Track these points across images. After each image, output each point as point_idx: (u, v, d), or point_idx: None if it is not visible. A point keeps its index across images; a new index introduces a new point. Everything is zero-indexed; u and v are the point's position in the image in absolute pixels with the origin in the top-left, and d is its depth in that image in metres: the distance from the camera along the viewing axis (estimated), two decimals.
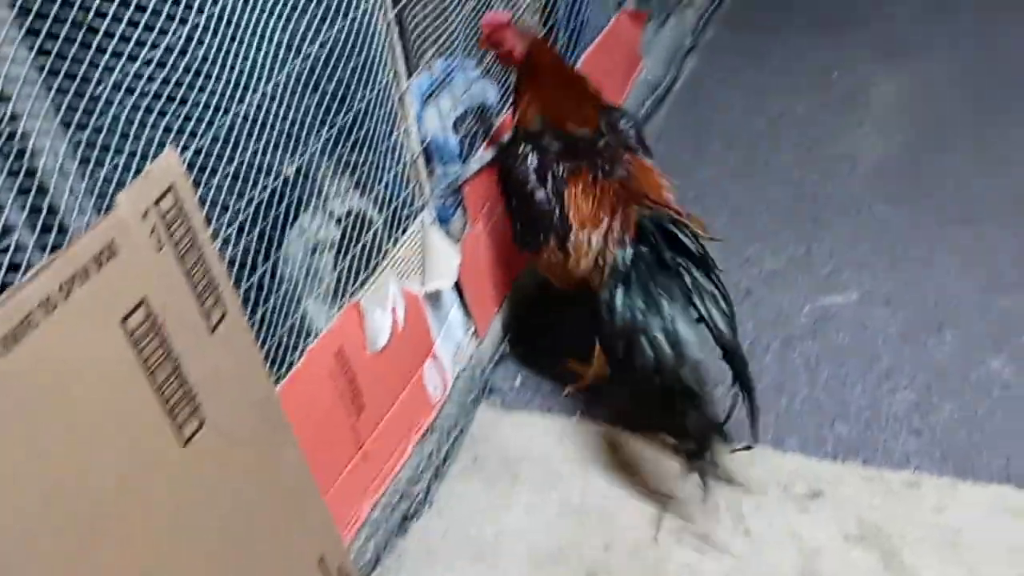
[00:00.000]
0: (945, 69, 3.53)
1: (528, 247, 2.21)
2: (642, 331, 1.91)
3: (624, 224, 2.02)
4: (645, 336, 1.91)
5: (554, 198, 2.10)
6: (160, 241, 1.37)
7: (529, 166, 2.13)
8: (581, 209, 2.08)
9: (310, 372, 1.79)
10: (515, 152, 2.16)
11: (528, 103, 2.17)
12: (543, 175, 2.12)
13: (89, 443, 1.27)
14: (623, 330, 1.93)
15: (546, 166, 2.12)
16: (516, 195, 2.17)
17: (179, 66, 1.39)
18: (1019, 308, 2.45)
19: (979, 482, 2.04)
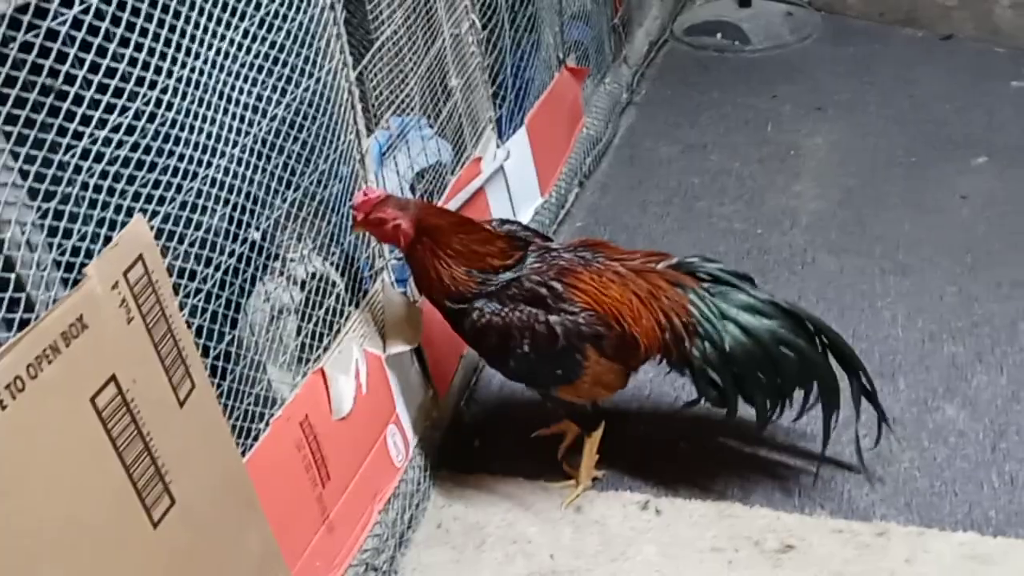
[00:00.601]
0: (872, 122, 3.66)
1: (566, 380, 2.04)
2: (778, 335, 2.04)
3: (652, 282, 2.04)
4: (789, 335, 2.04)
5: (568, 312, 1.97)
6: (129, 313, 1.31)
7: (525, 306, 1.96)
8: (611, 293, 2.00)
9: (276, 443, 1.73)
10: (489, 312, 1.96)
11: (450, 267, 1.95)
12: (543, 301, 1.96)
13: (59, 528, 1.19)
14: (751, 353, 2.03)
15: (539, 292, 1.97)
16: (530, 341, 1.96)
17: (147, 131, 1.34)
18: (966, 354, 2.51)
19: (945, 530, 2.06)
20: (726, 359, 2.02)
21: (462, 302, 1.97)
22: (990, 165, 3.28)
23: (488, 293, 1.96)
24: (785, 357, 2.03)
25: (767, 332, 2.02)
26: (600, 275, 2.02)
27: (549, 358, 1.99)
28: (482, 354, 2.14)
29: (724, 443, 2.35)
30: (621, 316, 2.00)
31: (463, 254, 1.96)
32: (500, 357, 2.04)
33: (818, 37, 4.37)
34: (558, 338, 1.96)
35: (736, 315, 2.03)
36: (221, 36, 1.48)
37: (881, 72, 3.99)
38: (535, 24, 3.03)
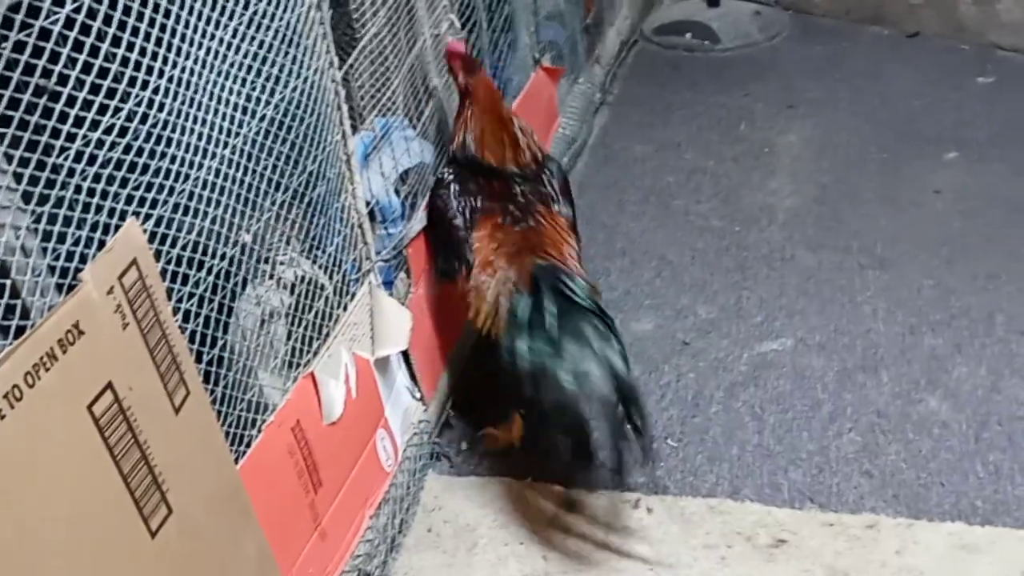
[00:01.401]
0: (843, 119, 3.69)
1: (447, 276, 2.26)
2: (549, 372, 1.92)
3: (519, 273, 2.10)
4: (552, 376, 1.92)
5: (467, 231, 2.21)
6: (124, 319, 1.28)
7: (451, 192, 2.26)
8: (482, 252, 2.17)
9: (269, 450, 1.70)
10: (443, 177, 2.30)
11: (461, 127, 2.30)
12: (462, 205, 2.24)
13: (59, 540, 1.16)
14: (530, 374, 1.95)
15: (465, 197, 2.25)
16: (439, 220, 2.26)
17: (139, 132, 1.31)
18: (946, 346, 2.53)
19: (933, 521, 2.07)
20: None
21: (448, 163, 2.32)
22: (961, 160, 3.32)
23: (459, 171, 2.28)
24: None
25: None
26: (508, 236, 2.19)
27: (447, 248, 2.24)
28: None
29: (712, 440, 2.35)
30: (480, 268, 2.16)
31: (475, 129, 2.30)
32: (430, 226, 2.30)
33: (787, 35, 4.40)
34: (449, 235, 2.23)
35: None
36: (211, 35, 1.45)
37: (850, 70, 4.03)
38: (511, 24, 3.02)
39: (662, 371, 2.58)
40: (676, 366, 2.59)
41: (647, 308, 2.83)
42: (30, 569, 1.12)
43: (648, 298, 2.87)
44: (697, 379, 2.54)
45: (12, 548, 1.09)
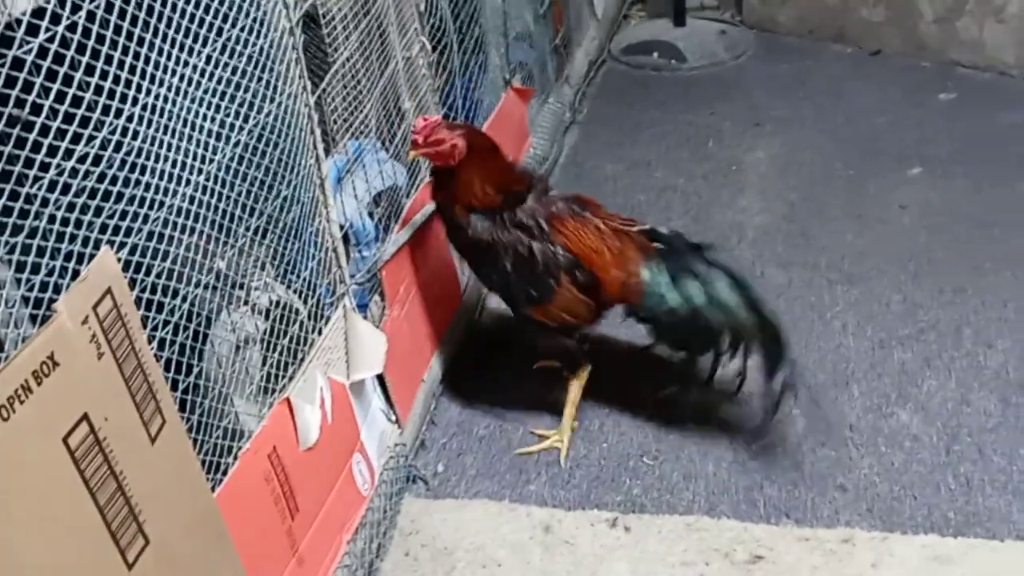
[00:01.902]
0: (809, 136, 3.74)
1: (538, 301, 2.30)
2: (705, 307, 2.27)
3: (639, 244, 2.32)
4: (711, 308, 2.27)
5: (550, 245, 2.27)
6: (99, 349, 1.27)
7: (516, 230, 2.25)
8: (587, 241, 2.29)
9: (245, 477, 1.69)
10: (492, 227, 2.24)
11: (482, 183, 2.23)
12: (531, 231, 2.25)
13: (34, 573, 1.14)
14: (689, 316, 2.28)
15: (528, 224, 2.25)
16: (512, 260, 2.25)
17: (114, 160, 1.30)
18: (915, 360, 2.57)
19: (907, 534, 2.10)
20: (667, 321, 2.32)
21: (473, 213, 2.25)
22: (925, 175, 3.37)
23: (505, 212, 2.24)
24: (717, 320, 2.28)
25: (703, 298, 2.27)
26: (583, 225, 2.29)
27: (527, 279, 2.27)
28: (473, 264, 2.43)
29: (688, 457, 2.37)
30: (592, 262, 2.28)
31: (501, 173, 2.27)
32: (485, 270, 2.35)
33: (752, 54, 4.46)
34: (538, 261, 2.25)
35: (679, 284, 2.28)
36: (184, 62, 1.45)
37: (814, 88, 4.09)
38: (482, 46, 3.04)
39: (638, 388, 2.58)
40: (652, 383, 2.60)
41: (622, 327, 2.83)
42: None
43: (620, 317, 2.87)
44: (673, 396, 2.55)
45: None
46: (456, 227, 2.30)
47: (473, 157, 2.20)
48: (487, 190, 2.23)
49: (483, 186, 2.22)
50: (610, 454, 2.41)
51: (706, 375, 2.37)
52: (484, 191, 2.22)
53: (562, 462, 2.38)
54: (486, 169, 2.23)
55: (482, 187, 2.22)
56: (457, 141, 2.17)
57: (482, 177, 2.22)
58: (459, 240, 2.34)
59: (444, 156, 2.18)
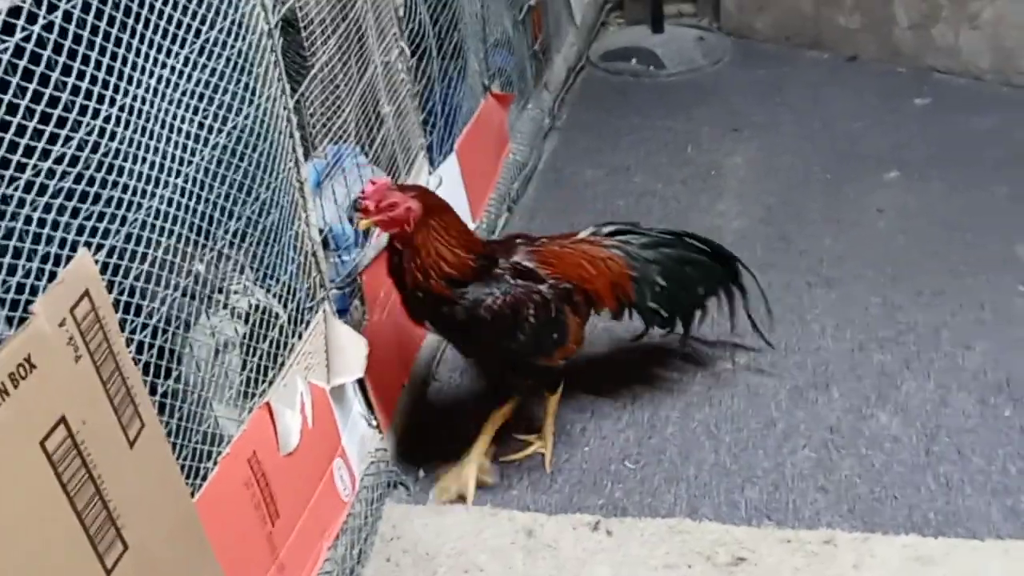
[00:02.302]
0: (786, 141, 3.77)
1: (561, 343, 2.27)
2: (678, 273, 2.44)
3: (603, 246, 2.38)
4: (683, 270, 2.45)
5: (547, 285, 2.21)
6: (77, 351, 1.26)
7: (519, 279, 2.16)
8: (572, 264, 2.28)
9: (225, 482, 1.67)
10: (493, 290, 2.12)
11: (454, 247, 2.07)
12: (531, 276, 2.19)
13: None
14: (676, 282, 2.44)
15: (522, 270, 2.18)
16: (534, 312, 2.16)
17: (91, 161, 1.29)
18: (895, 362, 2.58)
19: (888, 534, 2.10)
20: (659, 290, 2.40)
21: (459, 287, 2.08)
22: (901, 179, 3.40)
23: (481, 278, 2.11)
24: (693, 272, 2.45)
25: (675, 258, 2.42)
26: (556, 252, 2.28)
27: (548, 325, 2.20)
28: (486, 338, 2.16)
29: (669, 460, 2.37)
30: (585, 281, 2.28)
31: (464, 234, 2.12)
32: (507, 336, 2.15)
33: (729, 60, 4.49)
34: (551, 304, 2.19)
35: (651, 255, 2.40)
36: (162, 63, 1.44)
37: (791, 93, 4.12)
38: (461, 51, 3.04)
39: (618, 393, 2.59)
40: (632, 388, 2.61)
41: (601, 331, 2.83)
42: None
43: (601, 321, 2.87)
44: (652, 400, 2.56)
45: None
46: (440, 304, 2.09)
47: (430, 220, 2.02)
48: (458, 253, 2.06)
49: (452, 250, 2.05)
50: (592, 458, 2.41)
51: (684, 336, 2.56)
52: (455, 255, 2.05)
53: (547, 467, 2.37)
54: (448, 231, 2.05)
55: (451, 251, 2.05)
56: (411, 204, 1.99)
57: (447, 241, 2.05)
58: (447, 319, 2.12)
59: (399, 222, 1.99)
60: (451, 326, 2.16)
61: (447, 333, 2.29)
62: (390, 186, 2.03)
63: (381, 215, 1.99)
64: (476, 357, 2.46)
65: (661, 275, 2.39)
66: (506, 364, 2.33)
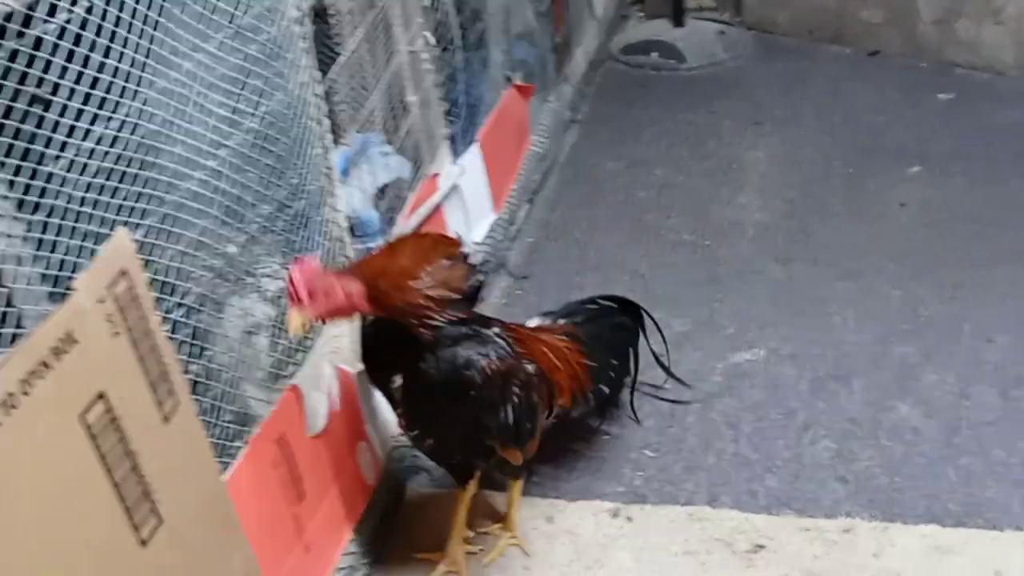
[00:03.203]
0: (808, 135, 3.76)
1: (531, 435, 2.03)
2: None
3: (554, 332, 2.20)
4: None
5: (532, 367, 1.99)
6: (115, 328, 1.29)
7: (509, 355, 1.87)
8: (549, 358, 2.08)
9: (254, 462, 1.70)
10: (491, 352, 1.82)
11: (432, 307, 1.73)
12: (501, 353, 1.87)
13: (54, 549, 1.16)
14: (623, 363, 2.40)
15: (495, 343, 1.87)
16: (519, 388, 1.91)
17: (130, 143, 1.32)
18: (916, 354, 2.59)
19: (908, 524, 2.11)
20: (610, 371, 2.31)
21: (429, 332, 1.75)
22: (924, 174, 3.40)
23: (457, 336, 1.78)
24: (626, 337, 2.41)
25: (611, 326, 2.35)
26: (523, 335, 2.04)
27: (528, 410, 1.96)
28: (465, 409, 1.85)
29: (688, 450, 2.38)
30: (550, 368, 2.07)
31: (424, 251, 1.76)
32: (490, 411, 1.87)
33: (751, 54, 4.48)
34: (533, 387, 1.96)
35: (593, 331, 2.26)
36: (198, 48, 1.46)
37: (813, 87, 4.11)
38: (484, 42, 3.06)
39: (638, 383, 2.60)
40: (652, 378, 2.62)
41: None
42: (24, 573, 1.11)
43: None
44: (673, 390, 2.57)
45: (9, 555, 1.08)
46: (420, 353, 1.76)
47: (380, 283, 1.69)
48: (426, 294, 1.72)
49: (417, 293, 1.71)
50: (611, 447, 2.42)
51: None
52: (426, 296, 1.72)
53: (527, 553, 2.14)
54: (400, 270, 1.71)
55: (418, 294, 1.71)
56: (352, 286, 1.66)
57: (410, 273, 1.72)
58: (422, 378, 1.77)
59: (344, 309, 1.68)
60: (423, 387, 1.79)
61: (413, 397, 1.84)
62: (317, 269, 1.65)
63: (317, 306, 1.63)
64: (436, 437, 1.96)
65: (608, 353, 2.27)
66: (470, 450, 2.00)
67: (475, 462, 2.06)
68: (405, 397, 1.84)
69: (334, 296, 1.64)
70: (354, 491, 2.08)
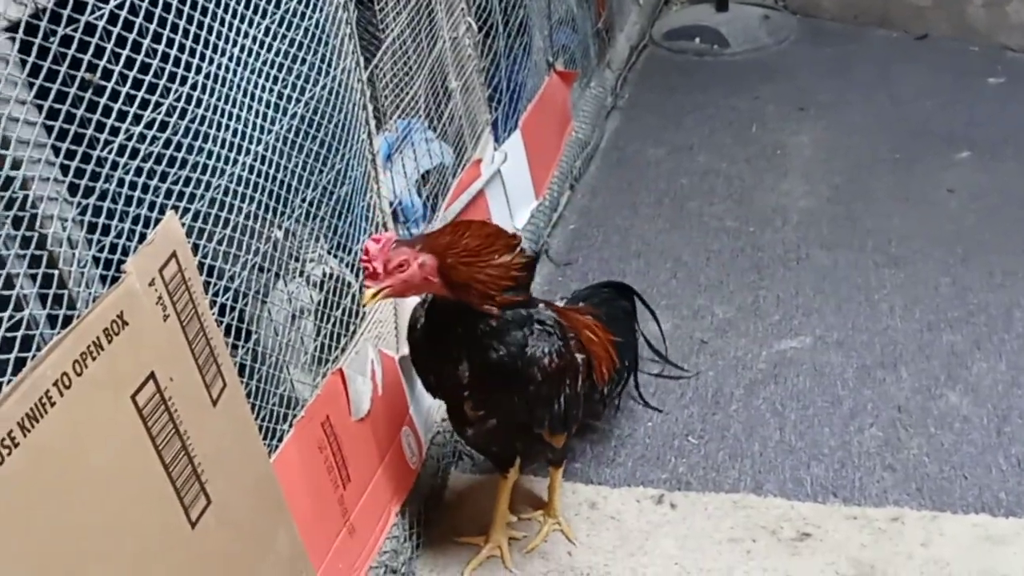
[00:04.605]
0: (854, 120, 3.71)
1: (576, 420, 2.06)
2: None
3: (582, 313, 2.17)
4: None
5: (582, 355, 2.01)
6: (165, 311, 1.30)
7: (563, 346, 1.87)
8: (585, 335, 2.05)
9: (300, 444, 1.71)
10: (546, 346, 1.83)
11: (490, 262, 1.73)
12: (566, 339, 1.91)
13: (105, 527, 1.18)
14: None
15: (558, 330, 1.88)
16: (571, 384, 1.94)
17: (178, 128, 1.33)
18: (965, 342, 2.54)
19: (957, 513, 2.08)
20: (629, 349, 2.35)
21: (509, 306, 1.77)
22: (974, 159, 3.34)
23: (521, 322, 1.80)
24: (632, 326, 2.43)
25: (622, 309, 2.36)
26: (564, 312, 2.02)
27: (577, 397, 1.99)
28: (522, 399, 1.86)
29: (733, 437, 2.36)
30: (591, 343, 2.06)
31: (491, 238, 1.76)
32: (545, 403, 1.90)
33: (795, 39, 4.43)
34: (581, 374, 1.99)
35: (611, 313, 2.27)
36: (244, 33, 1.47)
37: (860, 72, 4.05)
38: (526, 28, 3.05)
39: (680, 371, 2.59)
40: (695, 365, 2.61)
41: (664, 308, 2.83)
42: (79, 555, 1.13)
43: (664, 298, 2.88)
44: (717, 377, 2.55)
45: (60, 530, 1.10)
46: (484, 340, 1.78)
47: (449, 258, 1.69)
48: (496, 264, 1.73)
49: (488, 266, 1.73)
50: (655, 433, 2.41)
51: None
52: (497, 268, 1.74)
53: (572, 542, 2.14)
54: (476, 252, 1.72)
55: (490, 267, 1.73)
56: (422, 258, 1.66)
57: (484, 259, 1.72)
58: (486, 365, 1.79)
59: (415, 285, 1.68)
60: (486, 373, 1.81)
61: (475, 381, 1.83)
62: (394, 241, 1.67)
63: (391, 279, 1.64)
64: (491, 422, 1.94)
65: (627, 334, 2.31)
66: (518, 436, 2.01)
67: (521, 447, 2.07)
68: (470, 383, 1.84)
69: (409, 270, 1.66)
70: (398, 475, 2.09)
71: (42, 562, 1.08)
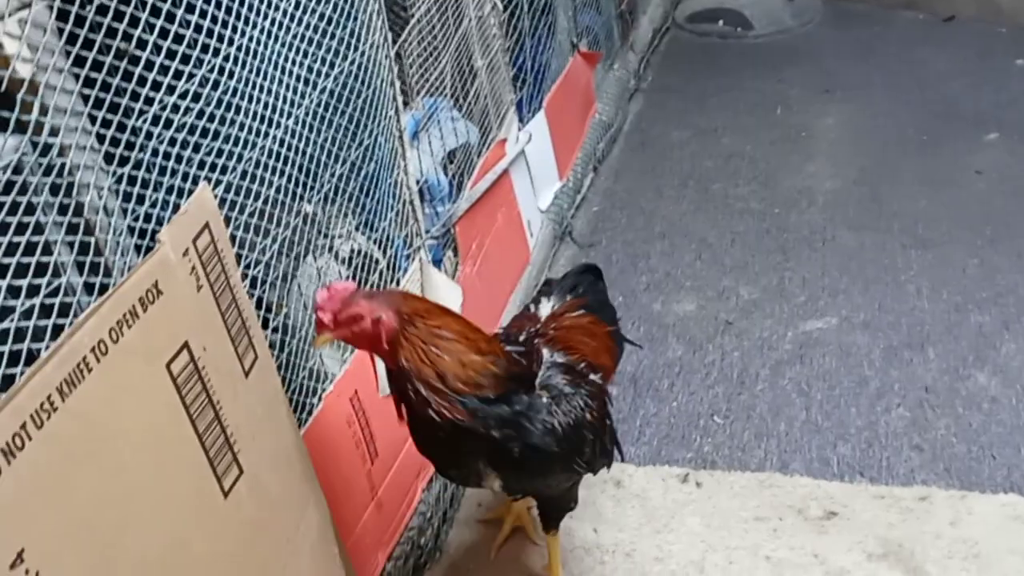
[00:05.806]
0: (880, 102, 3.68)
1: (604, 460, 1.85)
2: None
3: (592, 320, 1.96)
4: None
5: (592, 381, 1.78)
6: (199, 281, 1.31)
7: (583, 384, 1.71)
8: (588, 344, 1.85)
9: (329, 418, 1.72)
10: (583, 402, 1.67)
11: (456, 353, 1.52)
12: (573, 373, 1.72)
13: (142, 496, 1.19)
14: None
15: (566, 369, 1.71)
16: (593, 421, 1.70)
17: (211, 99, 1.34)
18: (993, 323, 2.53)
19: (986, 493, 2.07)
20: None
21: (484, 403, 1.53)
22: (1002, 141, 3.31)
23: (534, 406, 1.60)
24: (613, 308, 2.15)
25: (601, 291, 2.11)
26: (562, 334, 1.82)
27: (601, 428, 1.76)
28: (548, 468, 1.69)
29: (759, 417, 2.36)
30: (593, 354, 1.83)
31: (469, 335, 1.55)
32: (573, 452, 1.68)
33: (820, 22, 4.40)
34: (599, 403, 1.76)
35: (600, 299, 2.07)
36: (275, 6, 1.47)
37: (885, 54, 4.02)
38: (550, 8, 3.04)
39: (706, 350, 2.58)
40: (720, 345, 2.60)
41: (688, 290, 2.83)
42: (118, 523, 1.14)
43: (689, 280, 2.87)
44: (742, 357, 2.55)
45: (99, 495, 1.11)
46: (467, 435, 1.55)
47: (409, 330, 1.49)
48: (467, 359, 1.52)
49: (457, 358, 1.51)
50: (680, 413, 2.41)
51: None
52: (463, 363, 1.51)
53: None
54: (443, 338, 1.51)
55: (456, 360, 1.51)
56: (381, 315, 1.47)
57: (446, 348, 1.51)
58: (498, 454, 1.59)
59: (368, 338, 1.49)
60: (522, 469, 1.63)
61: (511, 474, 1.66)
62: (353, 293, 1.48)
63: (343, 330, 1.48)
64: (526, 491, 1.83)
65: (612, 317, 2.06)
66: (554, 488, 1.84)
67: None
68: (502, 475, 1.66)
69: (360, 324, 1.48)
70: None
71: (82, 525, 1.09)
